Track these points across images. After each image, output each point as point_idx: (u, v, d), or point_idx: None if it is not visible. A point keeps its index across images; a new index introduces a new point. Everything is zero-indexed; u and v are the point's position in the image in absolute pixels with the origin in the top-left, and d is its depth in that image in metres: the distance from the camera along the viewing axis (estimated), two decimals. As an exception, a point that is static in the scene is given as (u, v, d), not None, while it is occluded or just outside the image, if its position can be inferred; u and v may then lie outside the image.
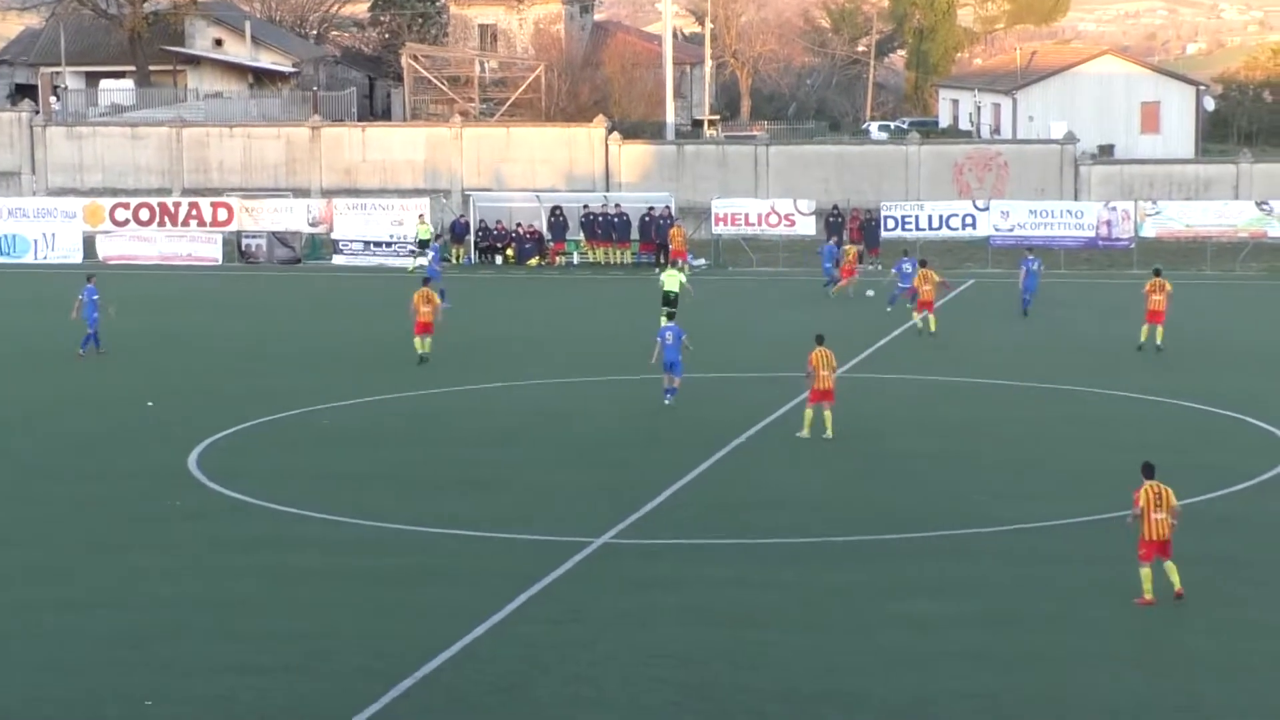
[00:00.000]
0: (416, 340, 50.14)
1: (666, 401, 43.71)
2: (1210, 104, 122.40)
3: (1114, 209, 76.43)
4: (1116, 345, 53.58)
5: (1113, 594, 27.91)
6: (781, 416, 41.99)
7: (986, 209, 77.49)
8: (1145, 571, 27.36)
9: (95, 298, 52.02)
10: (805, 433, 39.76)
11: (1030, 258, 61.59)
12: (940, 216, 77.16)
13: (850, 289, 63.90)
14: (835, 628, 26.59)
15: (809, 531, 32.02)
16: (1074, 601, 27.80)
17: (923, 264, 58.59)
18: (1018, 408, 44.67)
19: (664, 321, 47.83)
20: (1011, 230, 76.24)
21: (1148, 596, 27.27)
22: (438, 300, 50.92)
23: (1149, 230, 75.63)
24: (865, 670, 24.72)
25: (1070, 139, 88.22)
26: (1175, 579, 27.31)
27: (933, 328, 55.31)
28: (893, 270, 62.03)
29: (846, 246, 67.77)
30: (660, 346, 43.95)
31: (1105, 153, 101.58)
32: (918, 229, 75.92)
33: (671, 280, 52.64)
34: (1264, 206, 75.95)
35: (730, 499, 34.73)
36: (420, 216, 77.45)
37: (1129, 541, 28.78)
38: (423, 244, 74.21)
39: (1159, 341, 51.36)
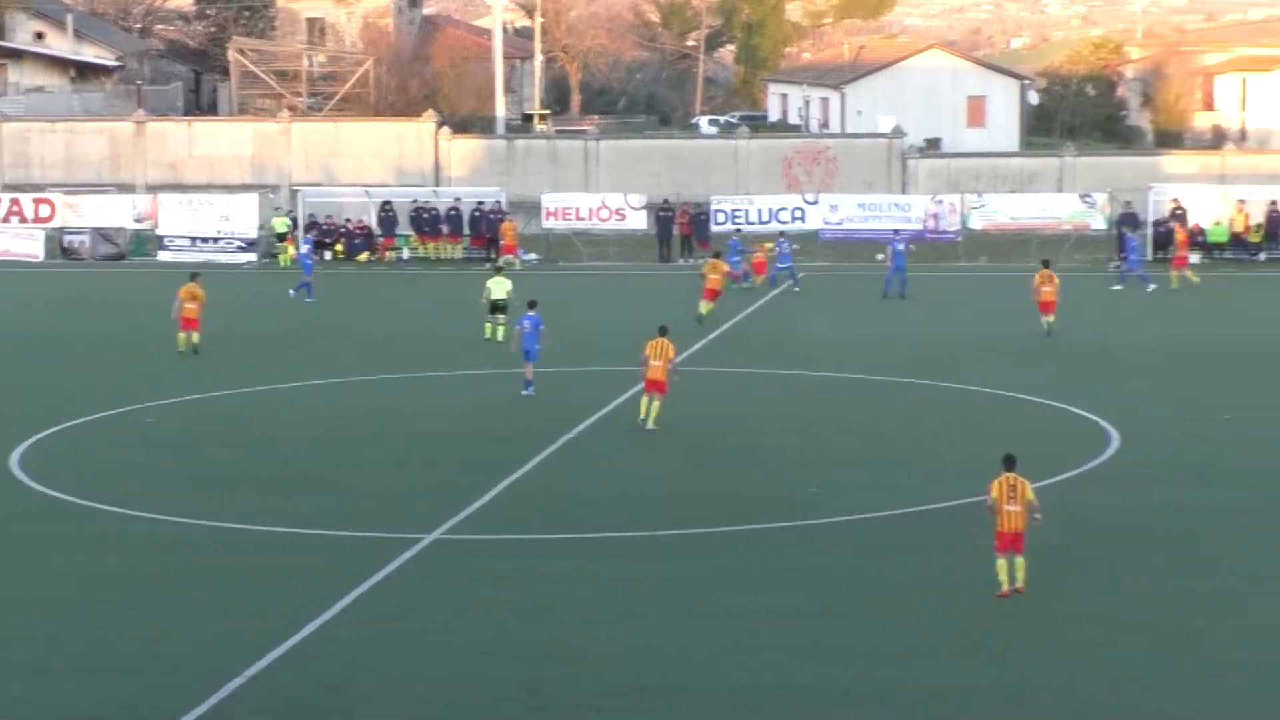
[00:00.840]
0: (181, 336, 49.93)
1: (525, 393, 43.84)
2: (1034, 98, 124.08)
3: (941, 202, 77.18)
4: (944, 337, 54.23)
5: (938, 584, 28.17)
6: (614, 411, 42.00)
7: (815, 203, 77.97)
8: (1001, 563, 27.38)
9: None
10: (644, 416, 40.05)
11: (897, 240, 63.33)
12: (770, 210, 77.48)
13: (759, 282, 64.63)
14: (663, 621, 26.57)
15: (640, 525, 32.03)
16: (901, 592, 27.96)
17: (715, 255, 59.51)
18: (852, 401, 44.91)
19: (488, 330, 48.80)
20: (840, 224, 76.81)
21: (1005, 589, 27.37)
22: (202, 296, 50.59)
23: (975, 223, 76.47)
24: (692, 663, 24.70)
25: (898, 133, 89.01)
26: (1020, 575, 27.33)
27: (703, 310, 55.89)
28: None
29: (766, 245, 67.48)
30: (519, 335, 44.18)
31: (932, 146, 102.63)
32: (748, 223, 76.17)
33: (499, 288, 52.19)
34: (1087, 199, 77.01)
35: (562, 494, 34.68)
36: (276, 209, 76.97)
37: (955, 532, 29.04)
38: (280, 237, 73.94)
39: (1048, 332, 52.91)
